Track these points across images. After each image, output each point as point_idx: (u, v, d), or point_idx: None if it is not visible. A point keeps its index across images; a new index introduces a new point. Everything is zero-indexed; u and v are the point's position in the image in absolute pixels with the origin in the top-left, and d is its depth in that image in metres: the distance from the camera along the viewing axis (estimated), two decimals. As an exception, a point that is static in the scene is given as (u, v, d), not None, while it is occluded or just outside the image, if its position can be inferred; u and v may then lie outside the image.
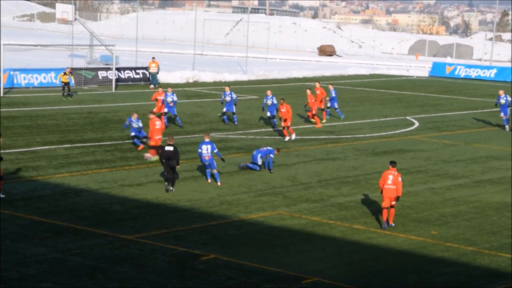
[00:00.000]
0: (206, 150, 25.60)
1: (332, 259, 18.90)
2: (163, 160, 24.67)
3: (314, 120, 38.99)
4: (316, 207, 23.56)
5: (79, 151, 30.19)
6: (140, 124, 30.60)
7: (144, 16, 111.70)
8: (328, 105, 41.29)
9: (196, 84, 56.38)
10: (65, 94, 44.72)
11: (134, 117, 30.48)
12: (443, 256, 19.48)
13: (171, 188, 24.60)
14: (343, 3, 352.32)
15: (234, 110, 38.17)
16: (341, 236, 20.74)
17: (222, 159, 26.73)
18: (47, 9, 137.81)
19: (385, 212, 21.62)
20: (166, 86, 52.61)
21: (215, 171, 25.83)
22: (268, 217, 22.23)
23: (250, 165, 27.84)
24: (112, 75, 51.22)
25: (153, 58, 53.58)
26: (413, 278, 17.90)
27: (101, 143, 31.48)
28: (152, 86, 51.73)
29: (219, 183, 25.67)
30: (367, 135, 37.14)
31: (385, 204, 21.53)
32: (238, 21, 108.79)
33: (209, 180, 25.90)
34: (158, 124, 28.65)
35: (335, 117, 41.41)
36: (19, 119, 36.92)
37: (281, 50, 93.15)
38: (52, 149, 30.22)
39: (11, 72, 47.40)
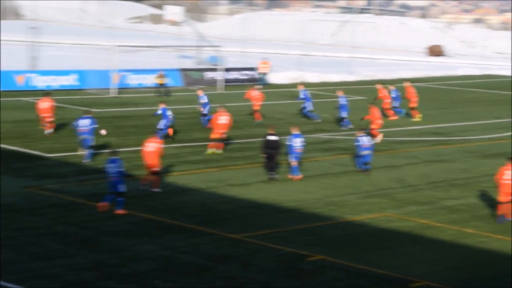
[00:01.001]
0: (299, 142, 25.88)
1: (441, 263, 18.47)
2: (266, 150, 25.08)
3: (389, 114, 39.71)
4: (424, 209, 23.10)
5: (188, 150, 30.66)
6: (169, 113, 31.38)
7: (251, 17, 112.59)
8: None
9: (302, 84, 56.17)
10: (162, 94, 45.64)
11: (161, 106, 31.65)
12: (559, 263, 18.73)
13: (275, 175, 25.16)
14: (454, 2, 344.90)
15: (309, 108, 39.32)
16: (450, 240, 20.24)
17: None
18: (156, 11, 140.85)
19: (500, 206, 21.39)
20: (274, 87, 53.06)
21: (297, 163, 25.94)
22: (375, 219, 21.95)
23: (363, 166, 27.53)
24: (218, 75, 51.81)
25: (264, 59, 54.02)
26: (527, 285, 17.29)
27: (208, 143, 31.83)
28: (258, 87, 51.96)
29: (301, 175, 25.84)
30: (478, 136, 36.17)
31: (502, 198, 21.43)
32: (344, 21, 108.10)
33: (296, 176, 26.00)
34: (223, 119, 29.64)
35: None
36: (130, 119, 37.86)
37: (388, 50, 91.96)
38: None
39: (123, 73, 48.69)
